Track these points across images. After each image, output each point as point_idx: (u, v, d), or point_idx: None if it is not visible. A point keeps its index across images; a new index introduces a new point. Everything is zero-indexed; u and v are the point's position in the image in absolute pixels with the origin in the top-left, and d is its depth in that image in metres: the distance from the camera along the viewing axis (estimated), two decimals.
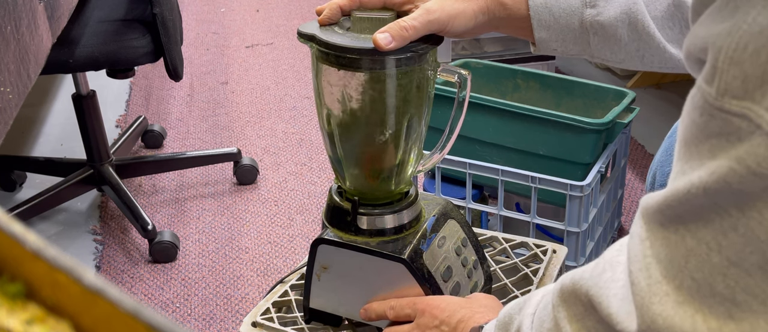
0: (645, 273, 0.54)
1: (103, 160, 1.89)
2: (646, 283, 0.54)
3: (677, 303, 0.52)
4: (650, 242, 0.54)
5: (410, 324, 0.90)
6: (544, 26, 0.85)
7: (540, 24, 0.85)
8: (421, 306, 0.89)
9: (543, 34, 0.86)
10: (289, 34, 3.04)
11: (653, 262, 0.54)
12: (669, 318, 0.52)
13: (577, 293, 0.62)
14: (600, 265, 0.61)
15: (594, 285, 0.60)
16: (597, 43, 0.86)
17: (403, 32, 0.80)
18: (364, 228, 0.91)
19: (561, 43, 0.87)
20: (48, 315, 0.32)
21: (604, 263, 0.61)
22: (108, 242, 1.84)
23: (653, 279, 0.53)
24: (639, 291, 0.54)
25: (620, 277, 0.58)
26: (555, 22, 0.85)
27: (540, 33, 0.86)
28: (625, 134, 1.61)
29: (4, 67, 0.90)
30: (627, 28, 0.84)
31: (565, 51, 0.88)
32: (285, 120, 2.39)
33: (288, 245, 1.81)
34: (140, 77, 2.68)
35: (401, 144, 0.89)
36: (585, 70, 2.62)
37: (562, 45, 0.87)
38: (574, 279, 0.62)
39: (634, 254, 0.55)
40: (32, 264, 0.31)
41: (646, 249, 0.54)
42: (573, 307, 0.62)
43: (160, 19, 1.61)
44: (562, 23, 0.85)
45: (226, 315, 1.60)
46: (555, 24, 0.85)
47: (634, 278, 0.55)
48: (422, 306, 0.89)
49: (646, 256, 0.54)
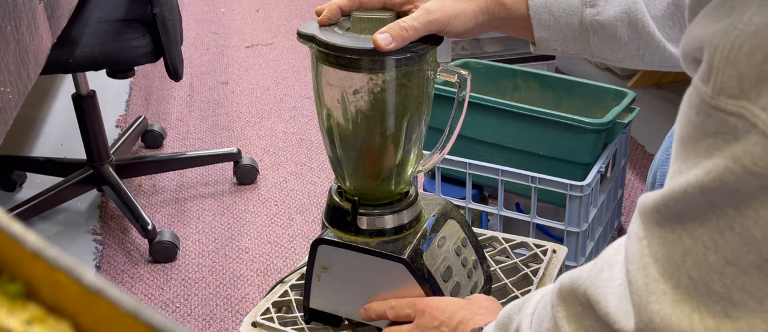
0: (642, 271, 0.54)
1: (103, 160, 1.89)
2: (643, 282, 0.54)
3: (674, 302, 0.52)
4: (648, 242, 0.54)
5: (410, 325, 0.90)
6: (543, 26, 0.85)
7: (540, 24, 0.85)
8: (421, 306, 0.89)
9: (543, 33, 0.86)
10: (289, 34, 3.04)
11: (651, 261, 0.54)
12: (666, 317, 0.52)
13: (576, 292, 0.62)
14: (598, 264, 0.61)
15: (592, 284, 0.60)
16: (597, 42, 0.86)
17: (403, 32, 0.80)
18: (364, 228, 0.91)
19: (561, 43, 0.87)
20: (48, 315, 0.32)
21: (602, 262, 0.61)
22: (108, 242, 1.84)
23: (650, 278, 0.53)
24: (636, 289, 0.54)
25: (618, 276, 0.58)
26: (555, 21, 0.85)
27: (540, 33, 0.86)
28: (625, 134, 1.61)
29: (4, 67, 0.90)
30: (627, 28, 0.84)
31: (565, 50, 0.88)
32: (285, 120, 2.39)
33: (288, 245, 1.81)
34: (140, 77, 2.68)
35: (401, 144, 0.89)
36: (585, 70, 2.62)
37: (562, 44, 0.87)
38: (572, 278, 0.63)
39: (632, 253, 0.56)
40: (32, 264, 0.31)
41: (644, 248, 0.54)
42: (571, 307, 0.62)
43: (160, 19, 1.61)
44: (562, 23, 0.85)
45: (226, 315, 1.60)
46: (555, 24, 0.85)
47: (632, 277, 0.55)
48: (422, 306, 0.89)
49: (644, 255, 0.54)
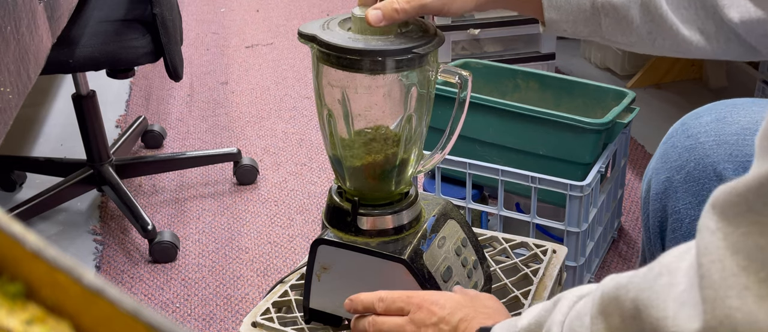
0: (718, 265, 0.51)
1: (103, 160, 1.89)
2: (719, 276, 0.51)
3: (759, 298, 0.49)
4: (724, 234, 0.51)
5: (402, 318, 0.84)
6: (554, 7, 0.84)
7: (550, 4, 0.84)
8: (417, 300, 0.84)
9: (553, 14, 0.85)
10: (289, 34, 3.04)
11: (728, 254, 0.51)
12: (751, 314, 0.49)
13: (620, 299, 0.59)
14: (655, 270, 0.58)
15: (647, 289, 0.56)
16: (608, 25, 0.85)
17: (393, 14, 0.81)
18: (364, 229, 0.91)
19: (572, 25, 0.86)
20: (48, 315, 0.32)
21: (661, 267, 0.57)
22: (108, 242, 1.84)
23: (728, 272, 0.50)
24: (711, 284, 0.51)
25: (681, 281, 0.55)
26: (566, 2, 0.84)
27: (550, 13, 0.85)
28: (625, 134, 1.61)
29: (4, 67, 0.90)
30: (639, 10, 0.83)
31: (575, 32, 0.87)
32: (285, 120, 2.39)
33: (288, 245, 1.81)
34: (140, 77, 2.68)
35: (402, 145, 0.89)
36: (585, 71, 2.62)
37: (573, 26, 0.86)
38: (618, 284, 0.59)
39: (705, 246, 0.52)
40: (32, 264, 0.31)
41: (719, 240, 0.51)
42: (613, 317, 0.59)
43: (160, 19, 1.61)
44: (574, 4, 0.84)
45: (226, 315, 1.60)
46: (566, 5, 0.84)
47: (706, 270, 0.51)
48: (418, 300, 0.84)
49: (719, 248, 0.51)
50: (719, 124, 0.88)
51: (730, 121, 0.88)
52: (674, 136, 0.93)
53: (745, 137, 0.86)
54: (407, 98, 0.86)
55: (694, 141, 0.89)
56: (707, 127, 0.89)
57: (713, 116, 0.90)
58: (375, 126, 0.88)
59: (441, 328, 0.82)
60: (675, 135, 0.93)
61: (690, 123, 0.92)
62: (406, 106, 0.86)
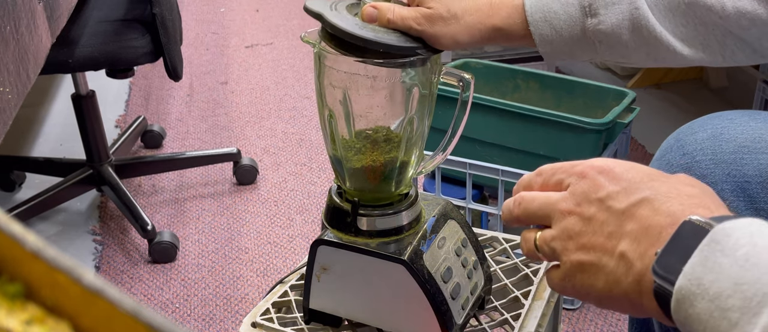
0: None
1: (103, 160, 1.89)
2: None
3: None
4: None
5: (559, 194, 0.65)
6: (546, 41, 0.83)
7: (542, 39, 0.83)
8: (581, 168, 0.63)
9: (547, 48, 0.84)
10: (289, 34, 3.04)
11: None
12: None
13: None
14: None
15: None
16: (604, 49, 0.84)
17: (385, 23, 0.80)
18: (364, 229, 0.91)
19: (567, 54, 0.85)
20: (47, 316, 0.31)
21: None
22: (107, 242, 1.84)
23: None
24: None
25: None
26: (557, 35, 0.83)
27: (544, 47, 0.84)
28: (625, 134, 1.61)
29: (3, 67, 0.89)
30: (631, 34, 0.82)
31: (574, 57, 0.86)
32: (285, 120, 2.39)
33: (288, 245, 1.81)
34: (140, 77, 2.68)
35: (403, 146, 0.89)
36: (585, 71, 2.62)
37: (569, 54, 0.85)
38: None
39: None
40: (32, 264, 0.31)
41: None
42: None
43: (159, 19, 1.61)
44: (566, 36, 0.83)
45: (225, 315, 1.60)
46: (558, 38, 0.83)
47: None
48: (582, 168, 0.63)
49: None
50: (715, 141, 0.86)
51: (726, 138, 0.86)
52: (669, 152, 0.90)
53: (742, 157, 0.84)
54: (409, 99, 0.86)
55: (690, 160, 0.87)
56: (703, 144, 0.87)
57: (709, 132, 0.88)
58: (376, 127, 0.87)
59: (610, 207, 0.60)
60: (670, 152, 0.90)
61: (685, 139, 0.89)
62: (407, 107, 0.86)
